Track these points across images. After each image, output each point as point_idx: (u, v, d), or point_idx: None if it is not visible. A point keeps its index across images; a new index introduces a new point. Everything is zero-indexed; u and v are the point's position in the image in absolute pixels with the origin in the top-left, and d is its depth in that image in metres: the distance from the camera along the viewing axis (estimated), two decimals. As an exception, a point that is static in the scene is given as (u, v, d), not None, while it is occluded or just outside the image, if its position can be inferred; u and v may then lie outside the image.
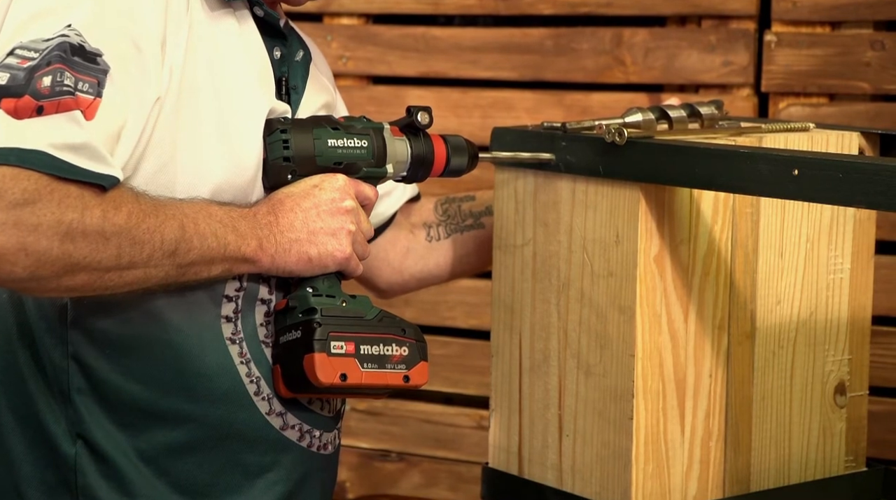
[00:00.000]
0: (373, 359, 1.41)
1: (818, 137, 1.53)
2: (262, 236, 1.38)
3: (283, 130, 1.42)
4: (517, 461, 1.55)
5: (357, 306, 1.43)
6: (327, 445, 1.50)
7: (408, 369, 1.43)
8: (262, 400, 1.44)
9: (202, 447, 1.42)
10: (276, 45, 1.47)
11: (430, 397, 2.67)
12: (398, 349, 1.43)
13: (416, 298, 2.61)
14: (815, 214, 1.53)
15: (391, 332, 1.43)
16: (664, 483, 1.45)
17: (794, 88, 2.26)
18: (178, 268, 1.34)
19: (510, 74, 2.49)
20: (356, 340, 1.41)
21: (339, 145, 1.44)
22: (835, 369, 1.57)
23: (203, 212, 1.36)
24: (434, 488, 2.66)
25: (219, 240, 1.35)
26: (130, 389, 1.40)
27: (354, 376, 1.40)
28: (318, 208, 1.40)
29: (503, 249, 1.55)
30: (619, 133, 1.41)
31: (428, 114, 1.48)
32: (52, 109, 1.26)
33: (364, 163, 1.45)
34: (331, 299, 1.42)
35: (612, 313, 1.44)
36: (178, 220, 1.33)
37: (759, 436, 1.51)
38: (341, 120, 1.47)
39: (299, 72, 1.50)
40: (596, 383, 1.46)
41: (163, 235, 1.32)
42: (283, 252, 1.39)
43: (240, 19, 1.44)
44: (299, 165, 1.42)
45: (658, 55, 2.36)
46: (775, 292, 1.51)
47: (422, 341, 1.45)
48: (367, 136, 1.46)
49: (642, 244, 1.41)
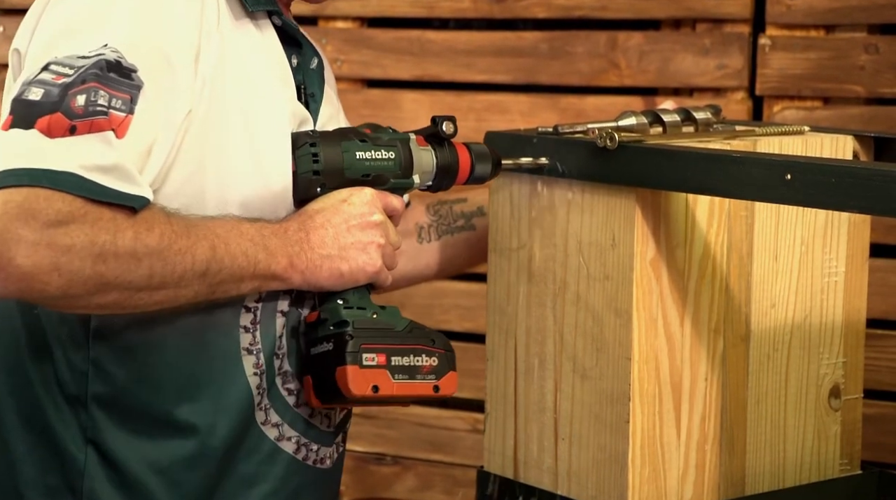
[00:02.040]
0: (404, 370, 1.42)
1: (812, 140, 1.53)
2: (293, 254, 1.39)
3: (313, 144, 1.42)
4: (512, 464, 1.55)
5: (387, 318, 1.44)
6: (325, 459, 1.50)
7: (437, 380, 1.44)
8: (261, 411, 1.44)
9: (209, 457, 1.42)
10: (294, 53, 1.48)
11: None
12: (428, 360, 1.44)
13: (411, 301, 2.61)
14: (810, 217, 1.53)
15: (421, 343, 1.44)
16: (660, 487, 1.45)
17: (788, 91, 2.27)
18: (209, 287, 1.35)
19: (505, 78, 2.49)
20: (387, 351, 1.42)
21: (367, 158, 1.45)
22: (829, 372, 1.57)
23: (234, 230, 1.36)
24: (429, 491, 2.66)
25: (249, 259, 1.36)
26: (147, 397, 1.40)
27: (386, 387, 1.41)
28: (349, 223, 1.41)
29: (498, 252, 1.56)
30: (611, 137, 1.41)
31: (453, 123, 1.48)
32: (84, 129, 1.27)
33: (391, 174, 1.46)
34: (361, 312, 1.43)
35: (608, 317, 1.44)
36: (209, 240, 1.34)
37: (754, 439, 1.52)
38: (367, 131, 1.48)
39: (315, 80, 1.51)
40: (592, 386, 1.46)
41: (194, 256, 1.33)
42: (314, 269, 1.40)
43: (261, 28, 1.45)
44: (328, 178, 1.43)
45: (652, 58, 2.36)
46: (770, 295, 1.51)
47: (450, 351, 1.46)
48: (395, 147, 1.46)
49: (638, 248, 1.41)
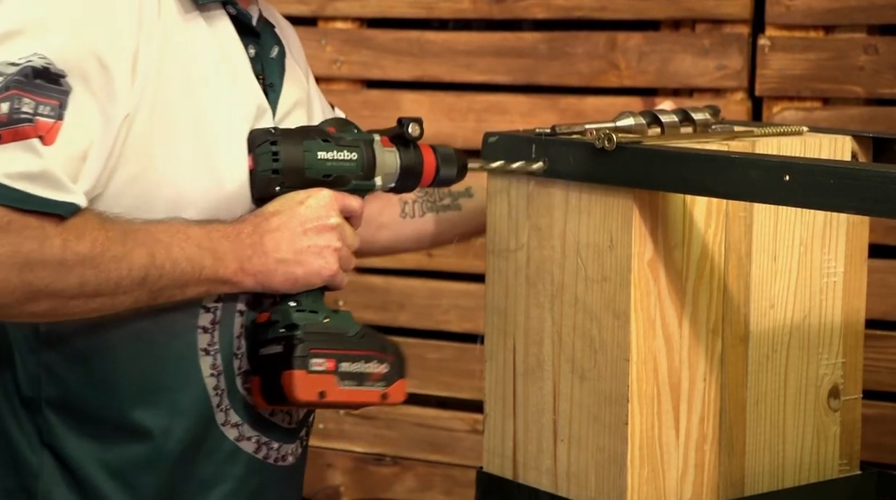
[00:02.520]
0: (352, 376, 1.41)
1: (811, 140, 1.53)
2: (244, 258, 1.38)
3: (273, 142, 1.41)
4: (511, 465, 1.55)
5: (339, 322, 1.43)
6: (286, 456, 1.50)
7: (386, 387, 1.43)
8: (221, 411, 1.43)
9: (165, 460, 1.41)
10: (251, 43, 1.46)
11: (425, 401, 2.67)
12: (378, 367, 1.43)
13: (410, 301, 2.61)
14: (809, 217, 1.53)
15: (372, 349, 1.43)
16: (659, 487, 1.45)
17: (787, 91, 2.27)
18: (150, 293, 1.35)
19: (504, 78, 2.50)
20: (337, 357, 1.41)
21: (328, 158, 1.43)
22: (829, 373, 1.57)
23: (180, 235, 1.35)
24: (428, 492, 2.66)
25: (193, 264, 1.35)
26: (99, 401, 1.40)
27: (333, 393, 1.40)
28: (304, 226, 1.40)
29: (496, 253, 1.56)
30: (609, 138, 1.41)
31: (419, 125, 1.48)
32: (8, 138, 1.26)
33: (353, 176, 1.45)
34: (313, 315, 1.42)
35: (606, 318, 1.44)
36: (148, 246, 1.33)
37: (753, 440, 1.52)
38: (332, 130, 1.47)
39: (275, 69, 1.49)
40: (590, 387, 1.46)
41: (131, 263, 1.32)
42: (268, 273, 1.39)
43: (214, 19, 1.43)
44: (288, 178, 1.42)
45: (652, 59, 2.37)
46: (769, 295, 1.51)
47: (402, 359, 1.45)
48: (358, 148, 1.45)
49: (636, 249, 1.41)
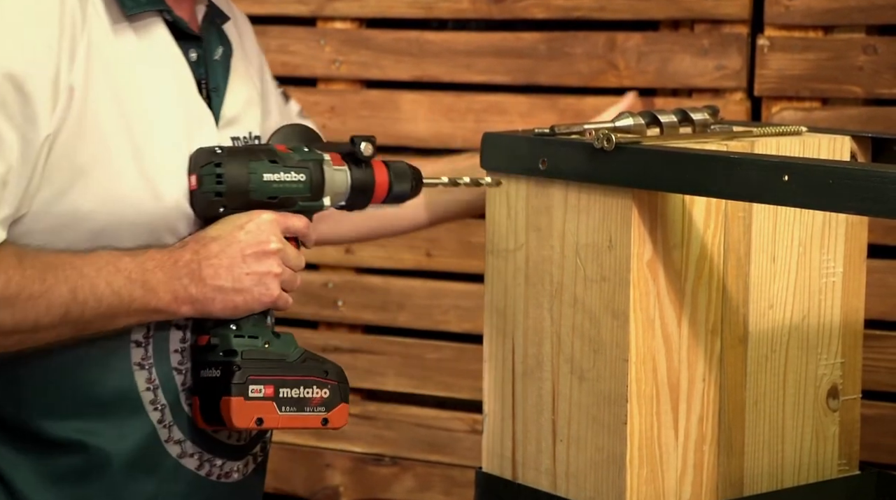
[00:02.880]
0: (292, 402, 1.41)
1: (810, 140, 1.53)
2: (181, 287, 1.37)
3: (218, 163, 1.39)
4: (511, 465, 1.55)
5: (280, 348, 1.42)
6: (231, 473, 1.49)
7: (327, 412, 1.43)
8: (164, 427, 1.43)
9: (102, 472, 1.41)
10: (191, 48, 1.45)
11: (424, 402, 2.67)
12: (319, 392, 1.43)
13: (410, 301, 2.61)
14: (808, 218, 1.53)
15: (313, 374, 1.43)
16: (658, 487, 1.45)
17: (786, 91, 2.27)
18: (74, 327, 1.35)
19: (503, 78, 2.49)
20: (276, 383, 1.41)
21: (275, 180, 1.42)
22: (827, 373, 1.57)
23: (108, 267, 1.34)
24: (428, 492, 2.66)
25: (121, 297, 1.35)
26: (28, 419, 1.39)
27: (271, 420, 1.40)
28: (244, 253, 1.39)
29: (495, 253, 1.55)
30: (608, 138, 1.41)
31: (371, 144, 1.46)
32: None
33: (300, 197, 1.44)
34: (253, 341, 1.41)
35: (605, 318, 1.44)
36: (69, 283, 1.32)
37: (753, 440, 1.52)
38: (282, 148, 1.44)
39: (219, 70, 1.48)
40: (589, 387, 1.46)
41: (49, 301, 1.32)
42: (207, 301, 1.39)
43: (148, 28, 1.41)
44: (232, 200, 1.40)
45: (651, 59, 2.36)
46: (768, 296, 1.51)
47: (344, 383, 1.45)
48: (306, 169, 1.43)
49: (635, 249, 1.41)
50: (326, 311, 2.67)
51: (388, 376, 2.66)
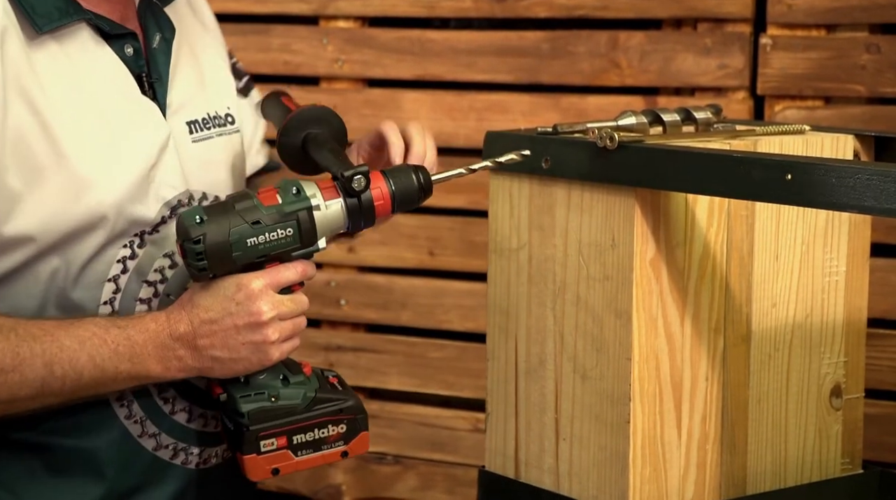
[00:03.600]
0: (307, 445, 1.41)
1: (813, 139, 1.53)
2: (174, 358, 1.37)
3: (196, 240, 1.34)
4: (514, 464, 1.55)
5: (288, 397, 1.41)
6: (209, 459, 1.49)
7: (346, 444, 1.43)
8: (135, 423, 1.43)
9: (71, 472, 1.41)
10: (126, 44, 1.43)
11: (427, 400, 2.67)
12: (334, 429, 1.43)
13: (412, 301, 2.61)
14: (811, 216, 1.53)
15: (325, 415, 1.42)
16: (661, 486, 1.45)
17: (789, 90, 2.27)
18: (57, 397, 1.35)
19: (506, 77, 2.49)
20: (288, 433, 1.40)
21: (260, 243, 1.37)
22: (831, 372, 1.57)
23: (93, 340, 1.34)
24: (430, 491, 2.66)
25: (105, 371, 1.35)
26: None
27: (288, 467, 1.41)
28: (237, 325, 1.38)
29: (498, 252, 1.55)
30: (611, 137, 1.41)
31: (364, 177, 1.39)
32: None
33: (292, 249, 1.39)
34: (259, 397, 1.40)
35: (608, 317, 1.44)
36: (45, 357, 1.32)
37: (756, 439, 1.52)
38: (268, 199, 1.37)
39: (160, 59, 1.46)
40: (592, 386, 1.46)
41: (23, 375, 1.32)
42: (206, 370, 1.40)
43: (71, 36, 1.39)
44: (217, 269, 1.37)
45: (654, 58, 2.36)
46: (771, 294, 1.51)
47: (362, 414, 1.44)
48: (292, 222, 1.38)
49: (638, 248, 1.41)
50: (329, 309, 2.67)
51: (390, 375, 2.66)
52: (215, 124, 1.50)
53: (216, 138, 1.50)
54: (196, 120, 1.48)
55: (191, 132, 1.47)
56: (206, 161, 1.48)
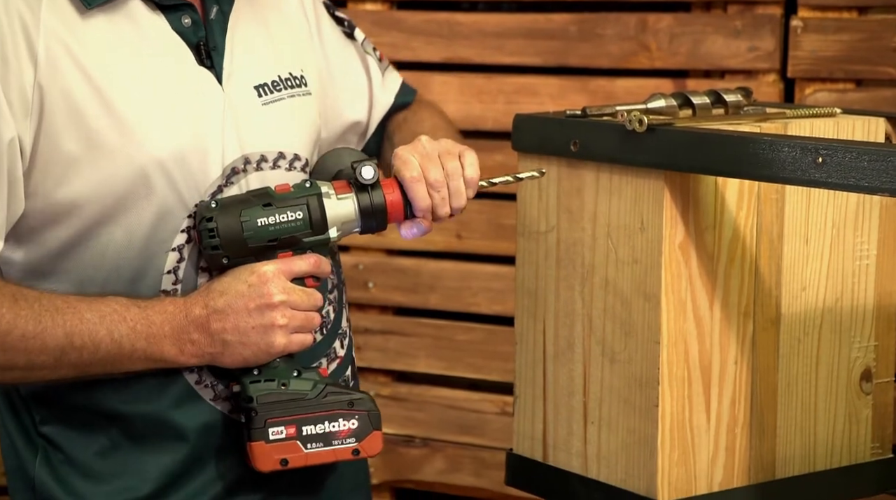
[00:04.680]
0: (317, 438, 1.41)
1: (844, 122, 1.52)
2: (188, 341, 1.40)
3: (209, 218, 1.39)
4: (542, 447, 1.55)
5: (298, 387, 1.42)
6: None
7: (358, 442, 1.43)
8: (205, 388, 1.45)
9: (152, 439, 1.45)
10: (183, 14, 1.45)
11: (455, 383, 2.67)
12: (346, 423, 1.42)
13: (440, 284, 2.61)
14: (841, 200, 1.52)
15: (336, 407, 1.42)
16: (689, 470, 1.45)
17: (820, 73, 2.25)
18: (73, 369, 1.38)
19: (534, 60, 2.49)
20: (297, 422, 1.41)
21: (270, 223, 1.41)
22: (860, 356, 1.56)
23: (113, 315, 1.37)
24: (458, 473, 2.67)
25: (122, 347, 1.38)
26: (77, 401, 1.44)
27: (297, 459, 1.41)
28: (248, 307, 1.40)
29: (526, 235, 1.55)
30: (640, 120, 1.40)
31: (372, 167, 1.43)
32: None
33: (302, 234, 1.42)
34: (269, 384, 1.41)
35: (636, 301, 1.43)
36: (66, 327, 1.36)
37: (785, 423, 1.51)
38: (283, 189, 1.42)
39: (216, 29, 1.47)
40: (621, 370, 1.46)
41: (43, 343, 1.35)
42: (217, 355, 1.41)
43: (122, 10, 1.41)
44: (231, 250, 1.41)
45: (683, 41, 2.35)
46: (800, 278, 1.51)
47: (374, 411, 1.44)
48: (302, 206, 1.41)
49: (667, 231, 1.41)
50: (357, 292, 2.68)
51: (418, 358, 2.67)
52: (286, 86, 1.52)
53: (287, 100, 1.52)
54: (265, 83, 1.50)
55: (260, 96, 1.49)
56: (277, 124, 1.50)
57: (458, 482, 2.68)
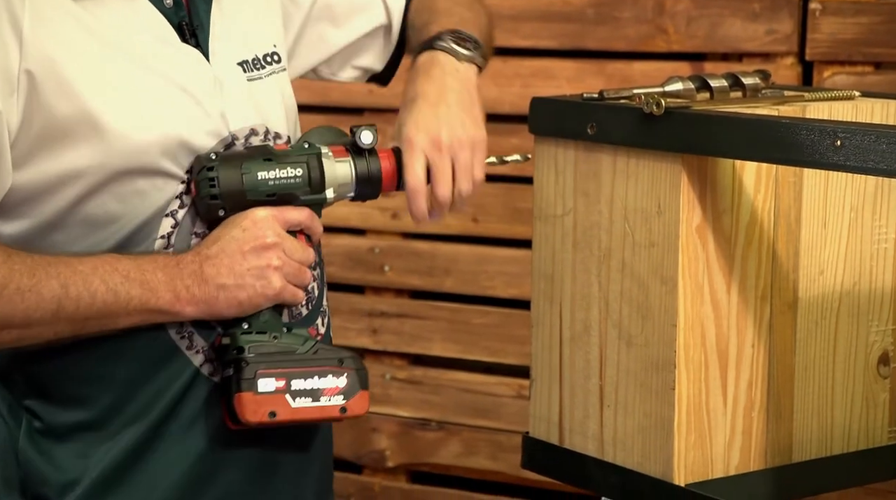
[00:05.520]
0: (305, 393, 1.41)
1: (863, 105, 1.52)
2: (181, 288, 1.39)
3: (210, 168, 1.40)
4: (558, 430, 1.55)
5: (290, 341, 1.42)
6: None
7: (345, 400, 1.43)
8: (196, 353, 1.45)
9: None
10: None
11: (471, 367, 2.68)
12: (335, 381, 1.43)
13: (456, 267, 2.61)
14: (860, 183, 1.51)
15: (326, 364, 1.43)
16: (706, 454, 1.45)
17: (839, 56, 2.24)
18: (70, 324, 1.37)
19: (551, 43, 2.48)
20: (287, 375, 1.41)
21: (270, 177, 1.42)
22: (878, 340, 1.56)
23: (104, 266, 1.37)
24: (474, 456, 2.67)
25: (118, 295, 1.37)
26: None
27: (284, 412, 1.41)
28: (242, 250, 1.40)
29: (543, 219, 1.55)
30: (657, 103, 1.40)
31: (371, 133, 1.45)
32: None
33: (300, 191, 1.43)
34: (261, 336, 1.41)
35: (653, 284, 1.43)
36: (60, 278, 1.35)
37: (802, 406, 1.51)
38: (282, 147, 1.45)
39: (201, 7, 1.48)
40: (637, 353, 1.46)
41: (39, 295, 1.34)
42: (211, 301, 1.40)
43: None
44: (229, 202, 1.41)
45: (701, 24, 2.34)
46: (818, 261, 1.50)
47: (362, 370, 1.44)
48: (302, 163, 1.43)
49: (684, 214, 1.41)
50: (373, 275, 2.68)
51: (434, 341, 2.67)
52: (266, 63, 1.53)
53: (266, 77, 1.52)
54: (247, 60, 1.51)
55: (244, 72, 1.50)
56: (261, 99, 1.51)
57: (474, 466, 2.68)
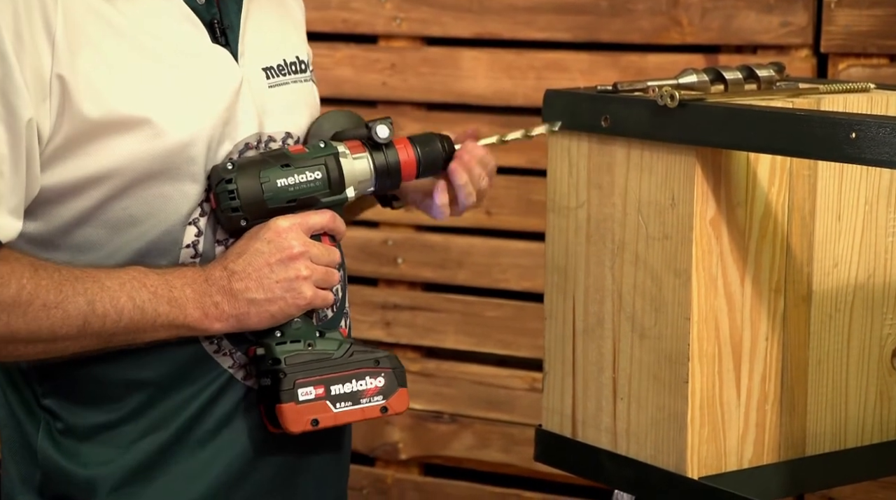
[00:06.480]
0: (345, 397, 1.42)
1: (878, 98, 1.51)
2: (211, 304, 1.39)
3: (229, 180, 1.39)
4: (570, 423, 1.55)
5: (324, 346, 1.43)
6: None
7: (385, 400, 1.44)
8: (225, 356, 1.45)
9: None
10: None
11: (483, 359, 2.68)
12: (372, 381, 1.43)
13: (469, 260, 2.61)
14: (874, 176, 1.51)
15: (362, 366, 1.43)
16: (720, 447, 1.45)
17: (854, 48, 2.23)
18: (97, 339, 1.37)
19: (565, 35, 2.48)
20: (325, 382, 1.41)
21: (290, 183, 1.42)
22: (892, 333, 1.55)
23: (133, 282, 1.37)
24: (486, 449, 2.67)
25: (144, 313, 1.37)
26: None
27: (327, 418, 1.41)
28: (269, 262, 1.40)
29: (557, 211, 1.55)
30: (671, 96, 1.39)
31: (387, 126, 1.46)
32: None
33: (321, 194, 1.43)
34: (295, 345, 1.42)
35: (667, 277, 1.43)
36: (87, 295, 1.35)
37: (815, 400, 1.51)
38: (298, 150, 1.44)
39: (232, 7, 1.47)
40: (651, 346, 1.45)
41: (65, 311, 1.34)
42: (243, 316, 1.40)
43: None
44: (250, 212, 1.41)
45: (715, 16, 2.34)
46: (832, 254, 1.50)
47: (399, 368, 1.45)
48: (320, 166, 1.43)
49: (698, 207, 1.40)
50: (386, 268, 2.68)
51: (447, 334, 2.67)
52: (290, 71, 1.53)
53: (291, 85, 1.52)
54: (272, 66, 1.50)
55: (267, 78, 1.50)
56: (283, 107, 1.51)
57: (487, 458, 2.68)
